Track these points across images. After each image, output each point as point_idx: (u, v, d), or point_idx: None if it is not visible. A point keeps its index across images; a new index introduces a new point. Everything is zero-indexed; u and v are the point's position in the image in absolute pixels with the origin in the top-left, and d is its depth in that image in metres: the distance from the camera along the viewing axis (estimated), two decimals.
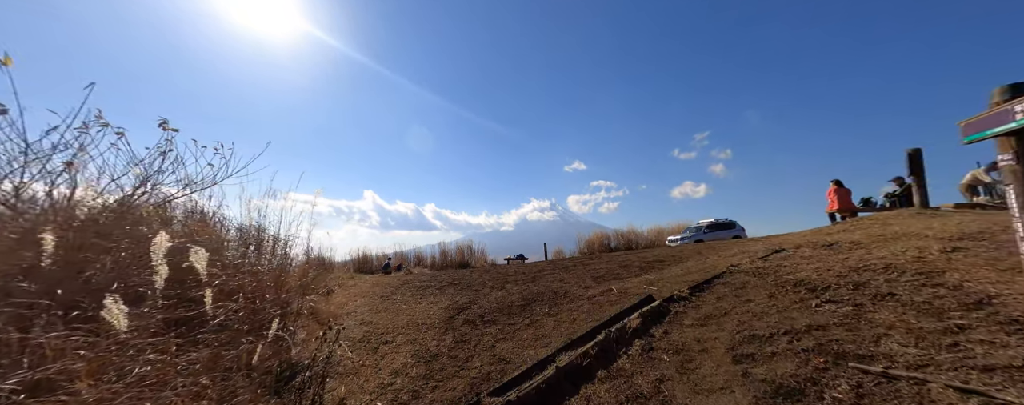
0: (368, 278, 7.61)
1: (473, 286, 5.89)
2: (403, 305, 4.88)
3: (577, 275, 5.93)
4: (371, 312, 4.53)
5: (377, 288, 6.12)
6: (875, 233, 4.39)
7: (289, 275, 3.89)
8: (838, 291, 2.79)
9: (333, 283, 6.10)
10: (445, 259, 16.24)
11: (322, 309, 4.28)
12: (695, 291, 3.83)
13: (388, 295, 5.53)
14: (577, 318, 3.70)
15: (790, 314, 2.68)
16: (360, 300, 5.20)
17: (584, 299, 4.35)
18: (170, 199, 3.08)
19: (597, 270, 6.14)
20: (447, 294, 5.44)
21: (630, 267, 6.09)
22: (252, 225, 4.08)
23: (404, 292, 5.74)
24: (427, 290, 5.83)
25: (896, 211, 6.26)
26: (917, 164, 6.21)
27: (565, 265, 7.34)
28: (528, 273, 6.72)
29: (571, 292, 4.78)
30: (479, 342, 3.32)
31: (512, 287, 5.53)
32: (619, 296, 4.18)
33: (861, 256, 3.52)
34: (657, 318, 3.32)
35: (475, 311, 4.31)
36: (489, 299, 4.90)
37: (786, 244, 5.58)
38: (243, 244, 3.57)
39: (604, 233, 16.29)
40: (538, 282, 5.73)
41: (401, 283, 6.71)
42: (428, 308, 4.65)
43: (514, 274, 6.86)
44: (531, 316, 3.98)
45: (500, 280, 6.25)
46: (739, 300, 3.32)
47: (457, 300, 4.96)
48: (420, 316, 4.26)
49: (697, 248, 7.61)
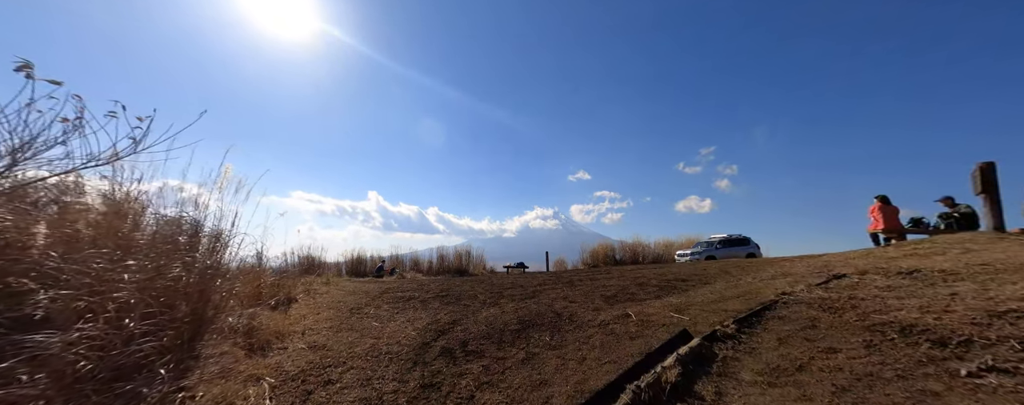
0: (348, 284, 6.71)
1: (462, 299, 4.96)
2: (373, 322, 3.97)
3: (584, 292, 4.99)
4: (330, 331, 3.62)
5: (352, 297, 5.22)
6: (970, 261, 3.42)
7: (219, 283, 3.00)
8: (993, 350, 1.84)
9: (300, 290, 5.22)
10: (442, 264, 15.33)
11: (268, 326, 3.38)
12: (743, 326, 2.87)
13: (361, 307, 4.62)
14: (587, 355, 2.77)
15: (922, 383, 1.74)
16: (325, 313, 4.30)
17: (595, 327, 3.41)
18: (35, 180, 2.23)
19: (607, 287, 5.19)
20: (430, 309, 4.52)
21: (646, 286, 5.13)
22: (181, 217, 3.22)
23: (381, 303, 4.83)
24: (408, 302, 4.91)
25: (963, 235, 5.27)
26: (990, 181, 5.23)
27: (569, 279, 6.40)
28: (527, 287, 5.79)
29: (578, 316, 3.84)
30: (454, 388, 2.40)
31: (507, 304, 4.59)
32: (640, 326, 3.24)
33: (979, 292, 2.56)
34: (700, 364, 2.37)
35: (458, 336, 3.39)
36: (478, 319, 3.97)
37: (837, 266, 4.60)
38: (153, 242, 2.69)
39: (609, 244, 15.29)
40: (538, 299, 4.79)
41: (382, 291, 5.80)
42: (402, 328, 3.73)
43: (511, 286, 5.92)
44: (528, 347, 3.05)
45: (494, 294, 5.32)
46: (815, 347, 2.37)
47: (439, 318, 4.03)
48: (388, 340, 3.34)
49: (721, 267, 6.63)
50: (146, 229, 2.85)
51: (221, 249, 3.49)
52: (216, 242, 3.53)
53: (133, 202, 2.81)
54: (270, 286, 4.70)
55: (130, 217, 2.71)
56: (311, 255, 13.88)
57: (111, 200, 2.74)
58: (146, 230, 2.86)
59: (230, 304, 3.53)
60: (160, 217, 3.05)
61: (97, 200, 2.67)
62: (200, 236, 3.18)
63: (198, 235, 3.18)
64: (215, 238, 3.58)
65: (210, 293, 2.87)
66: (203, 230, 3.29)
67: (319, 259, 14.14)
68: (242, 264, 5.03)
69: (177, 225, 3.04)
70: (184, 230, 3.09)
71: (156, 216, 2.97)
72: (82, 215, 2.31)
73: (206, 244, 3.35)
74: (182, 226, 3.07)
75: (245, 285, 4.29)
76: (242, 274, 4.38)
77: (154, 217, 2.91)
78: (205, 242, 3.25)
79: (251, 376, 2.43)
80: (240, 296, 4.02)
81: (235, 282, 3.62)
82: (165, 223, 3.05)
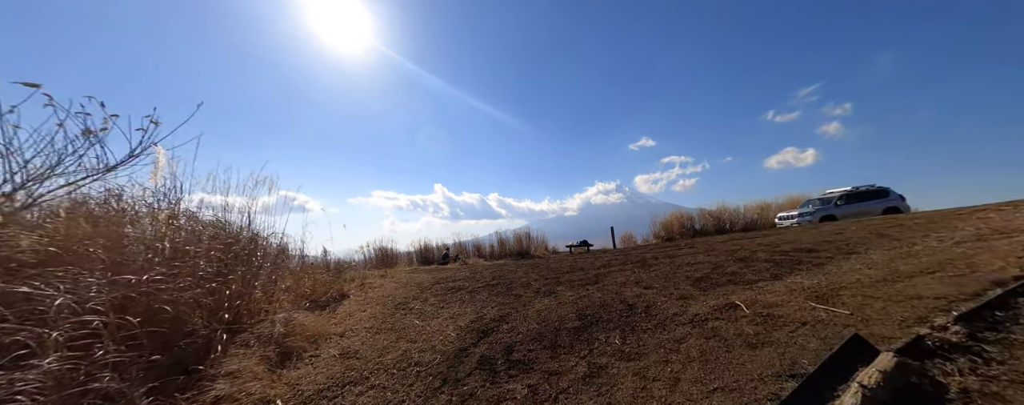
0: (405, 275, 6.55)
1: (513, 288, 4.32)
2: (415, 320, 3.53)
3: (663, 274, 3.96)
4: (369, 332, 3.26)
5: (403, 289, 4.93)
6: None
7: (256, 286, 2.74)
8: None
9: (355, 284, 5.10)
10: (503, 248, 15.04)
11: (308, 329, 3.12)
12: (978, 327, 1.68)
13: (408, 301, 4.27)
14: (682, 372, 1.87)
15: None
16: (371, 309, 4.03)
17: (685, 323, 2.46)
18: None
19: (694, 266, 4.07)
20: (477, 301, 3.96)
21: (752, 262, 3.88)
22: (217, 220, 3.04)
23: (428, 296, 4.42)
24: (456, 294, 4.43)
25: None
26: None
27: (640, 257, 5.34)
28: (589, 269, 4.91)
29: (657, 306, 2.90)
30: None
31: (565, 293, 3.81)
32: (761, 324, 2.20)
33: None
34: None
35: (503, 338, 2.74)
36: (528, 313, 3.27)
37: None
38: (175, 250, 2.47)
39: (684, 213, 13.35)
40: (603, 284, 3.91)
41: (434, 281, 5.45)
42: (442, 328, 3.21)
43: (570, 269, 5.10)
44: (591, 355, 2.26)
45: (550, 279, 4.57)
46: None
47: (484, 314, 3.44)
48: (423, 345, 2.83)
49: (869, 229, 4.89)
50: (166, 238, 2.65)
51: (256, 251, 3.31)
52: (252, 245, 3.36)
53: (127, 212, 2.64)
54: (324, 283, 4.61)
55: (127, 226, 2.51)
56: (384, 247, 14.60)
57: (89, 211, 2.56)
58: (173, 238, 2.67)
59: (271, 308, 3.37)
60: (188, 222, 2.86)
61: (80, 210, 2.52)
62: (226, 240, 2.97)
63: (220, 239, 2.97)
64: (251, 241, 3.41)
65: (239, 299, 2.62)
66: (229, 231, 3.09)
67: (391, 250, 14.86)
68: (300, 263, 5.08)
69: (196, 232, 2.84)
70: (203, 235, 2.89)
71: (183, 221, 2.79)
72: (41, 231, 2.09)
73: (240, 247, 3.17)
74: (200, 232, 2.86)
75: (297, 284, 4.21)
76: (293, 274, 4.31)
77: (168, 223, 2.72)
78: (237, 246, 3.04)
79: (261, 399, 2.07)
80: (290, 295, 3.92)
81: (276, 284, 3.46)
82: (189, 231, 2.87)
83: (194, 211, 3.23)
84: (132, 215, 2.56)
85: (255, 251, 3.19)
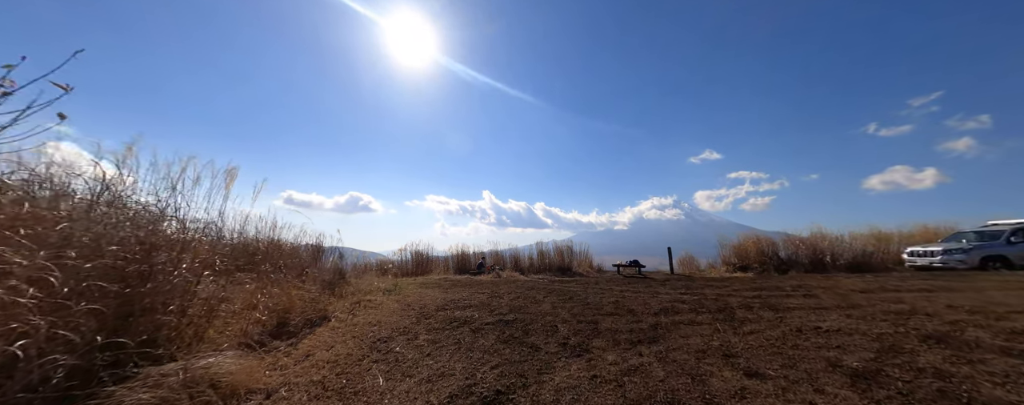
0: (414, 291, 5.58)
1: (532, 333, 3.04)
2: (379, 378, 2.42)
3: (771, 344, 2.38)
4: (307, 395, 2.22)
5: (397, 316, 3.90)
6: None
7: (166, 302, 1.85)
8: None
9: (348, 302, 4.20)
10: (543, 261, 13.65)
11: (227, 377, 2.18)
12: None
13: (392, 337, 3.20)
14: None
15: None
16: (342, 346, 3.01)
17: None
18: None
19: (833, 337, 2.43)
20: (477, 350, 2.75)
21: (972, 349, 2.16)
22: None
23: (421, 331, 3.32)
24: (457, 331, 3.27)
25: None
26: None
27: (722, 300, 3.70)
28: (642, 312, 3.43)
29: None
30: None
31: (604, 355, 2.44)
32: None
33: None
34: None
35: None
36: (542, 394, 1.99)
37: None
38: None
39: (763, 237, 10.77)
40: (666, 349, 2.45)
41: (440, 306, 4.36)
42: (408, 400, 2.06)
43: (614, 309, 3.65)
44: None
45: (586, 322, 3.20)
46: None
47: (477, 380, 2.21)
48: None
49: None
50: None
51: (181, 249, 2.47)
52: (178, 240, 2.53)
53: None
54: (306, 302, 3.76)
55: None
56: (420, 251, 14.10)
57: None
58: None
59: (201, 337, 2.50)
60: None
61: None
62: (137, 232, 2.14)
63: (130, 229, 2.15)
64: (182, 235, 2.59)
65: (148, 323, 1.75)
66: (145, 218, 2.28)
67: (427, 255, 14.30)
68: (313, 266, 4.33)
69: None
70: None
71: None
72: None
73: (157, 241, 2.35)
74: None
75: (265, 301, 3.37)
76: (258, 289, 3.48)
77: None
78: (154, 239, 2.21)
79: None
80: (242, 320, 3.05)
81: (215, 304, 2.60)
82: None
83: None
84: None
85: (180, 250, 2.34)
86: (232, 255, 3.25)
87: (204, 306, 2.56)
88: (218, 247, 2.73)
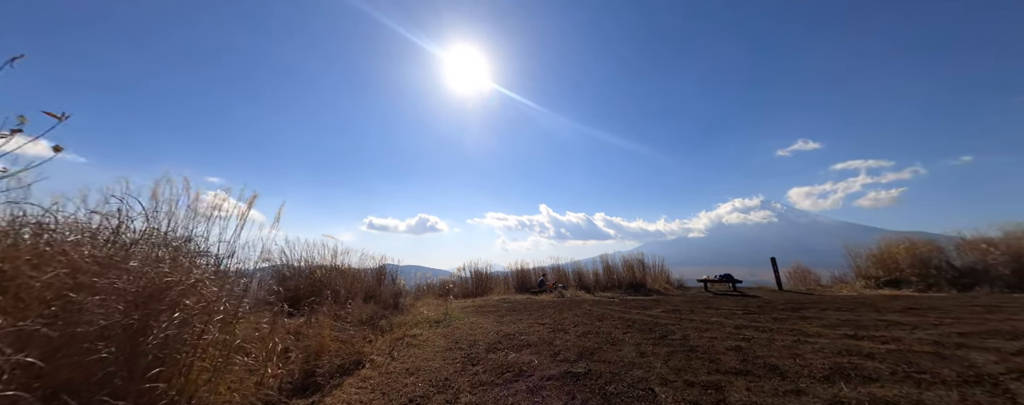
0: (466, 321, 4.87)
1: (614, 400, 2.03)
2: None
3: None
4: None
5: (440, 360, 3.12)
6: None
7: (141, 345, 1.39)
8: None
9: (389, 340, 3.60)
10: (610, 277, 12.14)
11: None
12: None
13: (426, 395, 2.46)
14: None
15: None
16: None
17: None
18: None
19: None
20: None
21: None
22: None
23: (462, 388, 2.52)
24: (508, 388, 2.40)
25: None
26: None
27: (963, 359, 2.25)
28: (794, 371, 2.16)
29: None
30: None
31: None
32: None
33: None
34: None
35: None
36: None
37: None
38: None
39: (920, 241, 7.89)
40: None
41: (490, 346, 3.53)
42: None
43: (742, 364, 2.42)
44: None
45: (702, 389, 2.08)
46: None
47: None
48: None
49: None
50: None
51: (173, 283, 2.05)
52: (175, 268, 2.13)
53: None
54: (340, 342, 3.25)
55: None
56: (479, 270, 13.68)
57: None
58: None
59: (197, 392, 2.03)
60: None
61: None
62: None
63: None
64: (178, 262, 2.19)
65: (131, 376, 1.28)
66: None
67: (486, 273, 13.79)
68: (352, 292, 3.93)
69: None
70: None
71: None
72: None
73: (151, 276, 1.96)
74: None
75: (281, 342, 2.91)
76: (280, 328, 3.04)
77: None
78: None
79: None
80: (261, 369, 2.58)
81: (227, 349, 2.15)
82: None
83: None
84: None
85: (170, 284, 1.90)
86: (256, 290, 2.88)
87: (212, 361, 2.10)
88: (227, 283, 2.30)
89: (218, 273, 2.41)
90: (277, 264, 6.19)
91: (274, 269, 6.08)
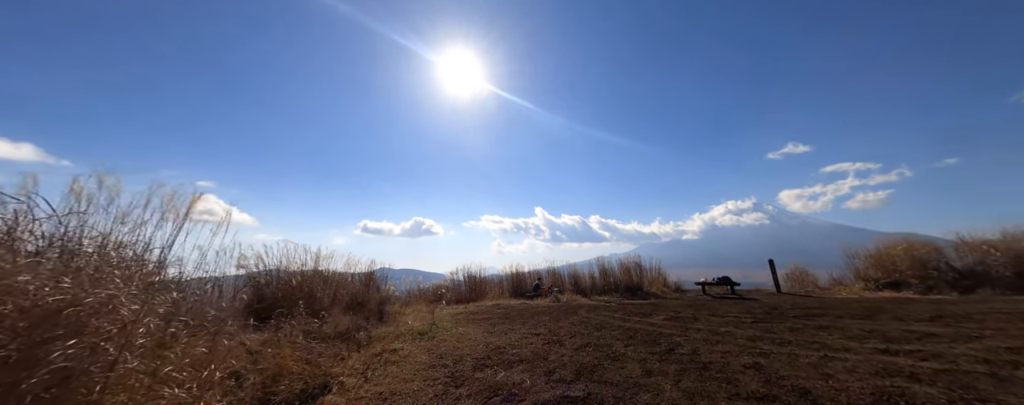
0: (454, 333, 4.48)
1: None
2: None
3: None
4: None
5: (419, 380, 2.75)
6: None
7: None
8: None
9: (367, 355, 3.20)
10: (606, 280, 11.82)
11: None
12: None
13: None
14: None
15: None
16: None
17: None
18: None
19: None
20: None
21: None
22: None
23: None
24: None
25: None
26: None
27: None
28: (827, 396, 1.84)
29: None
30: None
31: None
32: None
33: None
34: None
35: None
36: None
37: None
38: None
39: (917, 242, 7.64)
40: None
41: (477, 362, 3.15)
42: None
43: (764, 387, 2.08)
44: None
45: None
46: None
47: None
48: None
49: None
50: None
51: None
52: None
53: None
54: (305, 363, 2.85)
55: None
56: (472, 274, 13.25)
57: None
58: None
59: None
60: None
61: None
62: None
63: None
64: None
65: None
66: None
67: (480, 277, 13.35)
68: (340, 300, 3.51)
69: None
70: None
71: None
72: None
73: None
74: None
75: (229, 363, 2.51)
76: (231, 348, 2.64)
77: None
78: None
79: None
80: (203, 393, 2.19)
81: (149, 388, 1.75)
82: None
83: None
84: None
85: (72, 302, 1.52)
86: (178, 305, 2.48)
87: (131, 396, 1.70)
88: (153, 298, 1.90)
89: (149, 286, 2.01)
90: (253, 271, 5.75)
91: (249, 276, 5.64)
